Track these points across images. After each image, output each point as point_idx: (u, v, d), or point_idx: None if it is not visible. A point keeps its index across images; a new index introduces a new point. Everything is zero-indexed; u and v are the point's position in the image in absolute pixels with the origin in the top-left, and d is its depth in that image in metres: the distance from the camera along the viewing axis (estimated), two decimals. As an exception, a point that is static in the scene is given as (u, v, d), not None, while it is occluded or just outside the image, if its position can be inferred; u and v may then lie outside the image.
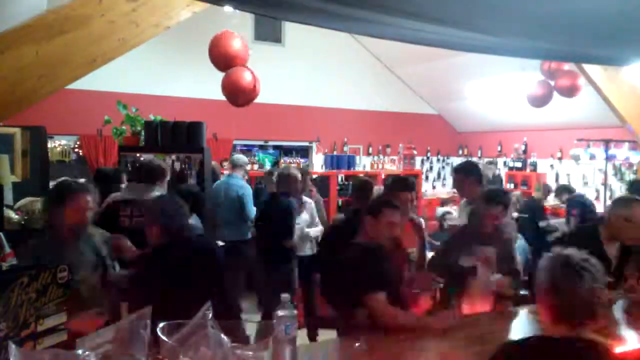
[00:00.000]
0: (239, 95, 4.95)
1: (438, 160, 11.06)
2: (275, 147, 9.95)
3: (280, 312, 1.92)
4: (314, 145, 9.69)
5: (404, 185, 3.62)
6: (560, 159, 9.34)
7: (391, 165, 9.40)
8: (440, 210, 7.38)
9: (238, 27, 5.20)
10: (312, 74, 9.21)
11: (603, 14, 2.39)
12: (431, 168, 10.96)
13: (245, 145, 9.72)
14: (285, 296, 1.96)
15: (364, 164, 9.90)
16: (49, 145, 7.33)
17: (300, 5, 2.20)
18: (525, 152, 9.81)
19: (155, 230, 2.75)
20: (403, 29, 2.51)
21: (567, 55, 3.93)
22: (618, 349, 2.27)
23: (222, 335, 1.50)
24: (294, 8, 2.30)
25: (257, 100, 5.22)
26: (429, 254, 3.75)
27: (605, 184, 7.82)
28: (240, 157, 6.20)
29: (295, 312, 1.96)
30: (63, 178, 3.81)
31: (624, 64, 3.96)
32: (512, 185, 9.57)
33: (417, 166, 9.79)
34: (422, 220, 3.81)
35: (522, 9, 2.33)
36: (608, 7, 2.32)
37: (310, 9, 2.18)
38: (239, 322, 2.31)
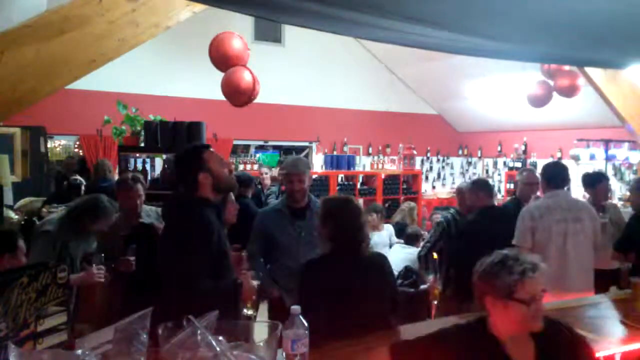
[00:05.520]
0: (238, 95, 4.94)
1: (438, 160, 11.06)
2: (275, 147, 9.96)
3: (287, 327, 1.77)
4: (314, 145, 9.69)
5: None
6: (560, 159, 9.34)
7: (391, 165, 9.40)
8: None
9: (238, 27, 5.21)
10: (312, 74, 9.21)
11: (602, 18, 2.39)
12: (431, 168, 10.96)
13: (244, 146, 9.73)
14: (294, 308, 1.82)
15: (363, 164, 9.89)
16: (49, 145, 7.34)
17: (299, 9, 2.20)
18: (525, 152, 9.81)
19: None
20: (403, 33, 2.50)
21: (566, 58, 3.93)
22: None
23: (220, 338, 1.50)
24: (292, 11, 2.30)
25: (257, 100, 5.21)
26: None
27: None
28: None
29: (305, 326, 1.80)
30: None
31: (622, 67, 3.97)
32: (512, 186, 9.55)
33: (417, 166, 9.80)
34: None
35: (521, 13, 2.33)
36: (607, 11, 2.32)
37: (309, 12, 2.18)
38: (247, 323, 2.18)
